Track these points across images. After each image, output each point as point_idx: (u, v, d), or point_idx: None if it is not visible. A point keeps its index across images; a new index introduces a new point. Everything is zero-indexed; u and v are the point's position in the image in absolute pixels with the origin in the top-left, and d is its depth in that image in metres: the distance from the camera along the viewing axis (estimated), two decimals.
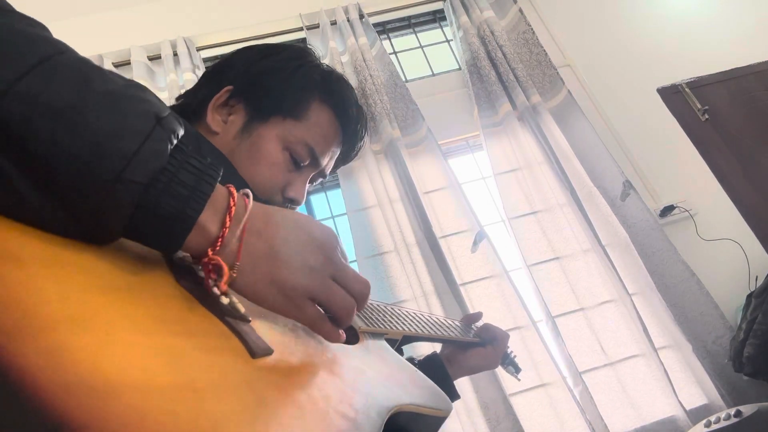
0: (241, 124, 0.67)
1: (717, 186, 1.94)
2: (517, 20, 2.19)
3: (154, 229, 0.30)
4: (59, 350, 0.20)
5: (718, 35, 2.31)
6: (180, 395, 0.23)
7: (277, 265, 0.36)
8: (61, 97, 0.26)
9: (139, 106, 0.30)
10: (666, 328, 1.64)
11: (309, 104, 0.70)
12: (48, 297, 0.23)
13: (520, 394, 1.55)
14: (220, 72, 0.71)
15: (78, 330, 0.22)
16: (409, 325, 0.74)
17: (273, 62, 0.70)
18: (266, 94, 0.68)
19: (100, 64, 1.98)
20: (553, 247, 1.80)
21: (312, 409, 0.32)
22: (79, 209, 0.27)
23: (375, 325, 0.62)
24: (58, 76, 0.27)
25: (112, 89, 0.29)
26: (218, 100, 0.68)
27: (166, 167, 0.29)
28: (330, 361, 0.41)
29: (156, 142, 0.29)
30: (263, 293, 0.36)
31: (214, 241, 0.33)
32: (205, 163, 0.33)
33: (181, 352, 0.27)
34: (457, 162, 2.10)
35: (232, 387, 0.27)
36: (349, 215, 1.80)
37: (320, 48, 2.14)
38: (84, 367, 0.20)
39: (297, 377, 0.35)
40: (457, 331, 0.89)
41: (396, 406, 0.42)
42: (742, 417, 1.23)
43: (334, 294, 0.39)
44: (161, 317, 0.29)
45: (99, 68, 0.30)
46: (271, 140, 0.67)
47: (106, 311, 0.25)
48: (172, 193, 0.30)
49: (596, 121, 2.01)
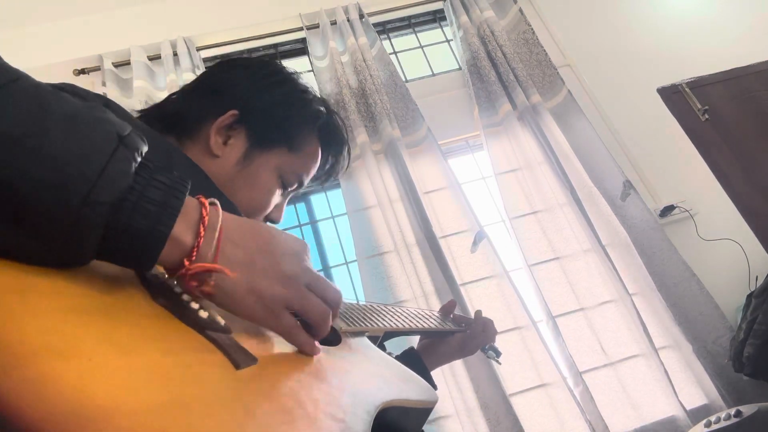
0: (242, 150, 0.68)
1: (717, 186, 1.94)
2: (517, 20, 2.19)
3: (127, 248, 0.30)
4: (43, 381, 0.20)
5: (718, 35, 2.31)
6: (169, 413, 0.23)
7: (255, 274, 0.36)
8: (18, 124, 0.26)
9: (99, 126, 0.30)
10: (666, 328, 1.64)
11: (307, 138, 0.73)
12: (26, 327, 0.22)
13: (520, 394, 1.55)
14: (220, 91, 0.70)
15: (60, 358, 0.22)
16: (389, 320, 0.75)
17: (283, 93, 0.71)
18: (276, 126, 0.69)
19: (100, 64, 1.99)
20: (553, 247, 1.80)
21: (301, 414, 0.32)
22: (48, 235, 0.27)
23: (355, 324, 0.63)
24: (13, 103, 0.27)
25: (70, 112, 0.29)
26: (222, 123, 0.67)
27: (133, 186, 0.30)
28: (314, 364, 0.41)
29: (120, 161, 0.29)
30: (242, 301, 0.36)
31: (189, 251, 0.33)
32: (172, 177, 0.33)
33: (166, 370, 0.27)
34: (457, 162, 2.10)
35: (220, 400, 0.27)
36: (350, 215, 1.80)
37: (320, 48, 2.14)
38: (69, 396, 0.20)
39: (283, 384, 0.35)
40: (436, 322, 0.90)
41: (383, 402, 0.42)
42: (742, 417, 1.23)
43: (310, 302, 0.39)
44: (142, 336, 0.29)
45: (55, 92, 0.30)
46: (269, 170, 0.69)
47: (86, 336, 0.25)
48: (142, 211, 0.30)
49: (596, 121, 2.01)
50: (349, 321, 0.63)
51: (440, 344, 0.94)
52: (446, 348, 0.94)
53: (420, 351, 0.94)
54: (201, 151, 0.67)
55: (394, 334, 0.75)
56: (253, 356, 0.35)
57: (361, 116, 1.95)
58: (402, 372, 0.54)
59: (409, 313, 0.86)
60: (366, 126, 1.94)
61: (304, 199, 2.03)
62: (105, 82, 1.93)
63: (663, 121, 2.05)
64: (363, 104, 1.99)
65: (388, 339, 0.74)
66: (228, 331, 0.36)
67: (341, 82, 1.98)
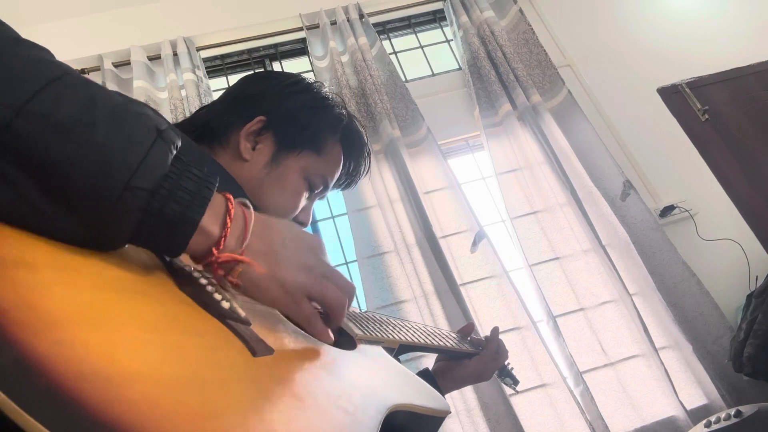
0: (270, 153, 0.71)
1: (717, 186, 1.94)
2: (517, 20, 2.19)
3: (160, 233, 0.33)
4: (73, 343, 0.22)
5: (718, 35, 2.31)
6: (188, 386, 0.25)
7: (277, 263, 0.39)
8: (70, 115, 0.29)
9: (140, 120, 0.32)
10: (666, 328, 1.64)
11: (330, 141, 0.76)
12: (60, 299, 0.24)
13: (520, 394, 1.55)
14: (249, 100, 0.73)
15: (90, 327, 0.24)
16: (405, 334, 0.74)
17: (307, 99, 0.75)
18: (301, 129, 0.72)
19: (100, 64, 1.99)
20: (553, 247, 1.80)
21: (312, 402, 0.33)
22: (90, 217, 0.29)
23: (372, 334, 0.63)
24: (66, 95, 0.29)
25: (115, 106, 0.31)
26: (250, 129, 0.71)
27: (169, 174, 0.32)
28: (329, 362, 0.43)
29: (158, 152, 0.32)
30: (265, 288, 0.38)
31: (216, 241, 0.36)
32: (203, 171, 0.35)
33: (188, 349, 0.29)
34: (457, 162, 2.10)
35: (236, 380, 0.29)
36: (350, 215, 1.80)
37: (320, 48, 2.14)
38: (97, 359, 0.22)
39: (297, 374, 0.37)
40: (453, 342, 0.88)
41: (394, 404, 0.43)
42: (742, 417, 1.23)
43: (328, 290, 0.42)
44: (167, 317, 0.31)
45: (101, 87, 0.33)
46: (296, 171, 0.72)
47: (115, 310, 0.27)
48: (176, 198, 0.32)
49: (596, 121, 2.01)
50: (366, 330, 0.63)
51: (456, 367, 0.91)
52: (462, 371, 0.91)
53: (435, 373, 0.92)
54: (231, 157, 0.71)
55: (409, 348, 0.74)
56: (270, 347, 0.37)
57: (361, 116, 1.96)
58: (414, 381, 0.55)
59: (426, 330, 0.85)
60: (366, 126, 1.93)
61: None
62: (105, 83, 1.92)
63: (663, 121, 2.05)
64: (363, 104, 1.99)
65: (402, 353, 0.73)
66: (248, 323, 0.37)
67: (341, 82, 1.98)
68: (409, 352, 0.77)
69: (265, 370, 0.33)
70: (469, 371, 0.91)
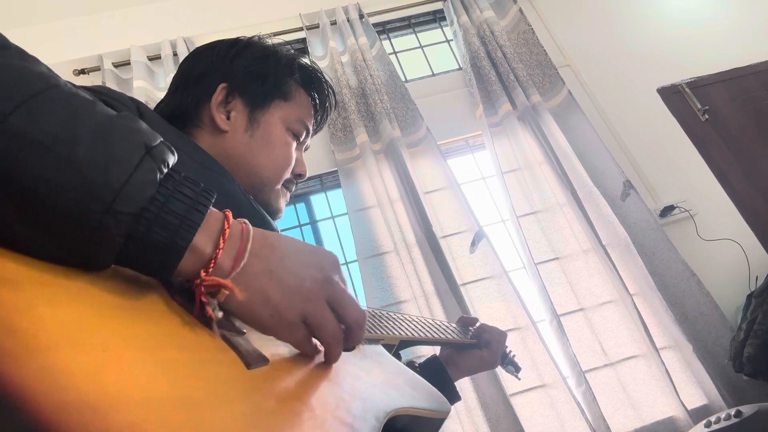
0: (245, 116, 0.71)
1: (717, 186, 1.94)
2: (517, 20, 2.19)
3: (145, 258, 0.31)
4: (56, 371, 0.21)
5: (718, 35, 2.31)
6: (178, 407, 0.24)
7: (272, 285, 0.36)
8: (48, 131, 0.27)
9: (128, 136, 0.30)
10: (666, 328, 1.64)
11: (293, 84, 0.76)
12: (44, 319, 0.23)
13: (520, 394, 1.55)
14: (202, 75, 0.72)
15: (74, 350, 0.22)
16: (405, 329, 0.74)
17: (255, 52, 0.74)
18: (262, 81, 0.72)
19: (100, 65, 1.99)
20: (553, 247, 1.79)
21: (309, 416, 0.32)
22: (69, 241, 0.28)
23: (371, 331, 0.62)
24: (46, 111, 0.27)
25: (101, 122, 0.29)
26: (217, 99, 0.70)
27: (156, 197, 0.30)
28: (326, 369, 0.41)
29: (145, 172, 0.29)
30: (257, 313, 0.36)
31: (207, 262, 0.33)
32: (197, 189, 0.33)
33: (178, 366, 0.27)
34: (457, 162, 2.10)
35: (229, 397, 0.28)
36: (350, 215, 1.80)
37: (320, 48, 2.14)
38: (81, 386, 0.21)
39: (293, 386, 0.35)
40: (453, 333, 0.89)
41: (393, 409, 0.42)
42: (742, 417, 1.23)
43: (326, 320, 0.38)
44: (156, 333, 0.29)
45: (91, 101, 0.30)
46: (277, 124, 0.72)
47: (101, 331, 0.25)
48: (162, 222, 0.30)
49: (596, 121, 2.01)
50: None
51: (463, 356, 0.92)
52: (469, 361, 0.92)
53: (443, 360, 0.92)
54: (210, 134, 0.70)
55: (409, 343, 0.74)
56: (265, 357, 0.35)
57: (361, 116, 1.95)
58: (415, 381, 0.54)
59: (426, 323, 0.85)
60: (366, 126, 1.94)
61: (304, 199, 2.03)
62: (105, 83, 1.92)
63: (663, 121, 2.06)
64: (363, 104, 1.99)
65: (403, 348, 0.73)
66: (241, 332, 0.36)
67: (341, 82, 1.98)
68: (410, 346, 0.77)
69: (259, 384, 0.32)
70: (475, 361, 0.92)
